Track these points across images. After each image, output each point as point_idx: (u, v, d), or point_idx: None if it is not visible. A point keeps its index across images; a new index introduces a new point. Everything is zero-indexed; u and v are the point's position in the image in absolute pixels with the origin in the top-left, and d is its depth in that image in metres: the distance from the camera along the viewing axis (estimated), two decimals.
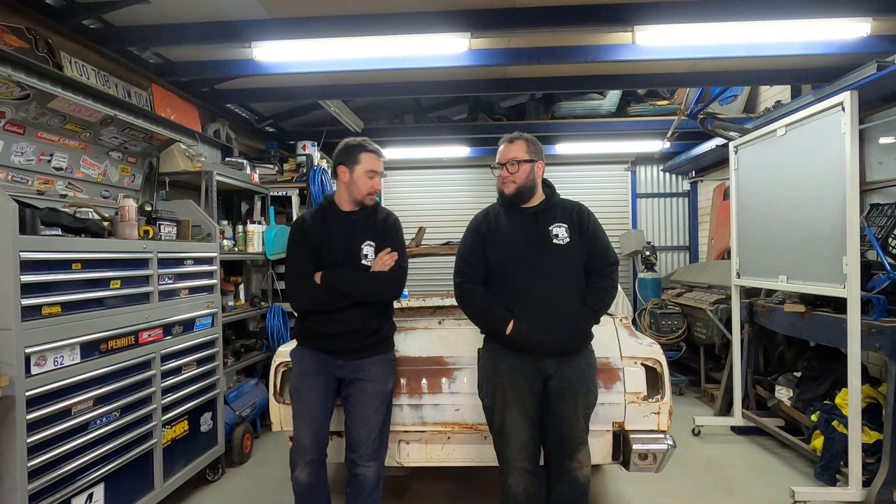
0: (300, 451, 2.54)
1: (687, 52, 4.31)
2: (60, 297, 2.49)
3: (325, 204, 2.71)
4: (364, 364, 2.58)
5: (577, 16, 3.74)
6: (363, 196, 2.62)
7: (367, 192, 2.61)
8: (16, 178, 2.99)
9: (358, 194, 2.61)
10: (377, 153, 2.64)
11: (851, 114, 3.19)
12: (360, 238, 2.62)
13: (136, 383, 2.95)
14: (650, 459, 2.69)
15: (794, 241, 3.76)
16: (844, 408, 3.49)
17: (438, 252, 4.56)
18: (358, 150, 2.60)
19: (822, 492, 3.31)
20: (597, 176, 8.28)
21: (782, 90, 5.86)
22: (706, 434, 4.58)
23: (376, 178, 2.63)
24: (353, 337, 2.57)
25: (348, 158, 2.60)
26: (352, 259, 2.59)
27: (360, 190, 2.60)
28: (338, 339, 2.57)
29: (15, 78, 2.72)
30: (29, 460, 2.29)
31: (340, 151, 2.63)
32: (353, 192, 2.61)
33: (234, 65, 4.68)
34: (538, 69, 5.11)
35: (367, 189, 2.61)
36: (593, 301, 2.46)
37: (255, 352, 4.94)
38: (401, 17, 3.81)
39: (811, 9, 3.60)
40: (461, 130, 7.32)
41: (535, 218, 2.51)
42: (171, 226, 3.41)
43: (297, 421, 2.57)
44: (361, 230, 2.63)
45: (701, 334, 5.64)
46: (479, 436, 2.83)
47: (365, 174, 2.59)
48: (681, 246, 8.26)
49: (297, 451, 2.56)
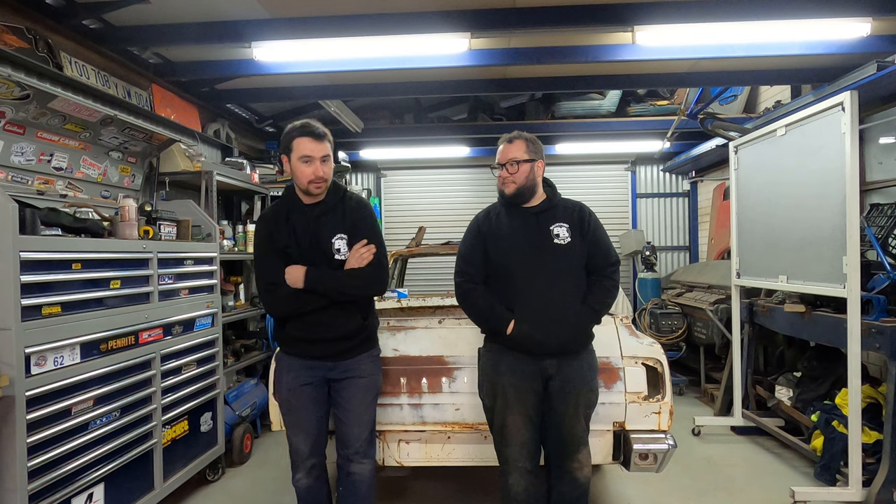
0: (300, 458, 2.50)
1: (687, 52, 4.32)
2: (60, 297, 2.48)
3: (287, 197, 2.49)
4: (353, 363, 2.51)
5: (577, 16, 3.74)
6: (305, 185, 2.39)
7: (308, 181, 2.37)
8: (16, 178, 2.99)
9: (300, 184, 2.40)
10: (313, 135, 2.36)
11: (851, 114, 3.19)
12: (328, 232, 2.43)
13: (136, 383, 2.95)
14: (651, 459, 2.68)
15: (793, 241, 3.76)
16: (844, 408, 3.48)
17: (438, 252, 4.56)
18: (290, 135, 2.38)
19: (822, 492, 3.31)
20: (597, 176, 8.28)
21: (782, 90, 5.86)
22: (706, 434, 4.58)
23: (315, 163, 2.35)
24: (340, 340, 2.45)
25: (285, 146, 2.40)
26: (325, 256, 2.42)
27: (299, 179, 2.39)
28: (323, 344, 2.45)
29: (15, 78, 2.72)
30: (29, 460, 2.29)
31: (281, 138, 2.44)
32: (298, 182, 2.40)
33: (234, 65, 4.69)
34: (538, 69, 5.11)
35: (305, 177, 2.36)
36: (594, 301, 2.46)
37: (255, 352, 4.94)
38: (401, 17, 3.81)
39: (811, 9, 3.60)
40: (461, 130, 7.32)
41: (535, 218, 2.50)
42: (171, 226, 3.40)
43: (295, 432, 2.50)
44: (329, 223, 2.44)
45: (701, 334, 5.64)
46: (480, 435, 2.83)
47: (299, 161, 2.36)
48: (681, 246, 8.26)
49: (296, 457, 2.51)
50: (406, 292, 4.26)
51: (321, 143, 2.37)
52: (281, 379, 2.55)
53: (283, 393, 2.54)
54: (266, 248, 2.45)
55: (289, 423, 2.54)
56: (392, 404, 2.82)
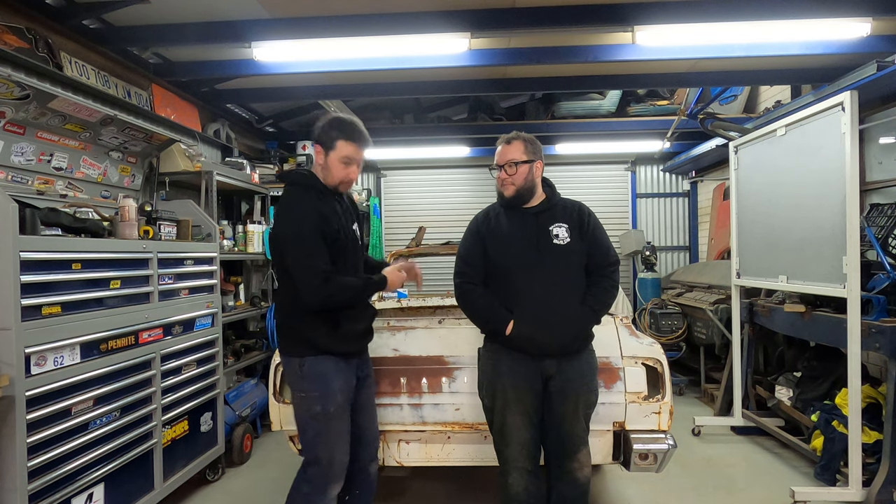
0: (340, 470, 2.38)
1: (687, 52, 4.32)
2: (60, 297, 2.48)
3: (311, 181, 2.42)
4: (366, 358, 2.60)
5: (577, 16, 3.74)
6: (336, 183, 2.40)
7: (341, 181, 2.40)
8: (16, 178, 2.99)
9: (331, 180, 2.40)
10: (363, 141, 2.39)
11: (851, 114, 3.19)
12: (352, 219, 2.52)
13: (136, 383, 2.95)
14: (651, 459, 2.68)
15: (793, 241, 3.76)
16: (844, 408, 3.48)
17: (438, 252, 4.56)
18: (335, 134, 2.35)
19: (822, 492, 3.31)
20: (597, 176, 8.28)
21: (782, 90, 5.86)
22: (706, 434, 4.58)
23: (353, 166, 2.39)
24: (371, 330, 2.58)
25: (326, 140, 2.36)
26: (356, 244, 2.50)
27: (333, 176, 2.39)
28: (369, 335, 2.56)
29: (15, 78, 2.72)
30: (29, 460, 2.29)
31: (317, 129, 2.40)
32: (328, 177, 2.40)
33: (234, 65, 4.69)
34: (538, 69, 5.11)
35: (340, 177, 2.39)
36: (594, 301, 2.46)
37: (255, 352, 4.94)
38: (401, 17, 3.81)
39: (811, 9, 3.60)
40: (461, 130, 7.32)
41: (535, 218, 2.50)
42: (171, 226, 3.41)
43: (339, 441, 2.38)
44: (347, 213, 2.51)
45: (701, 334, 5.64)
46: (479, 435, 2.83)
47: (340, 160, 2.36)
48: (681, 246, 8.26)
49: (337, 470, 2.37)
50: (406, 292, 4.26)
51: (365, 149, 2.42)
52: (329, 386, 2.35)
53: (338, 397, 2.36)
54: (315, 230, 2.28)
55: (336, 431, 2.37)
56: (392, 404, 2.82)
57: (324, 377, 2.34)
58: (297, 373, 2.36)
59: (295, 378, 2.39)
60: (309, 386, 2.34)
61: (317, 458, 2.35)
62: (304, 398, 2.36)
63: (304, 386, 2.35)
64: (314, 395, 2.34)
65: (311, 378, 2.34)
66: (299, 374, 2.35)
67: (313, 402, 2.33)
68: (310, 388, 2.34)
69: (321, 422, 2.34)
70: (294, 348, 2.39)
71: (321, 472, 2.34)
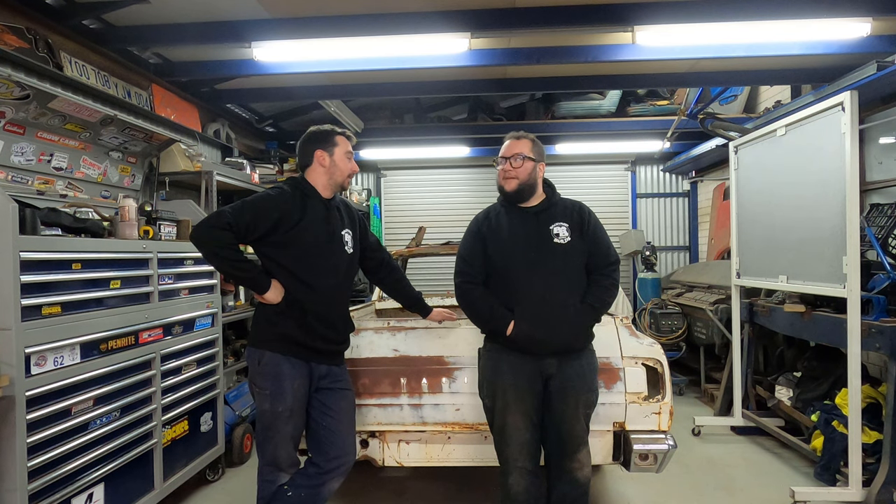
0: (286, 465, 2.45)
1: (687, 52, 4.32)
2: (60, 297, 2.48)
3: (308, 189, 2.52)
4: (339, 373, 2.56)
5: (576, 16, 3.74)
6: (344, 178, 2.55)
7: (349, 174, 2.56)
8: (16, 178, 2.99)
9: (340, 177, 2.53)
10: (349, 137, 2.61)
11: (851, 114, 3.19)
12: (340, 226, 2.57)
13: (136, 383, 2.94)
14: (651, 459, 2.68)
15: (793, 241, 3.76)
16: (844, 408, 3.48)
17: (438, 252, 4.56)
18: (332, 133, 2.55)
19: (822, 492, 3.31)
20: (597, 176, 8.28)
21: (782, 90, 5.86)
22: (706, 434, 4.58)
23: (352, 160, 2.60)
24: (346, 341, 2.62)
25: (325, 141, 2.52)
26: (341, 246, 2.54)
27: (341, 172, 2.53)
28: (342, 345, 2.60)
29: (15, 78, 2.72)
30: (29, 460, 2.28)
31: (313, 137, 2.54)
32: (336, 175, 2.52)
33: (234, 65, 4.69)
34: (538, 69, 5.11)
35: (348, 171, 2.55)
36: (594, 300, 2.46)
37: None
38: (401, 17, 3.81)
39: (811, 9, 3.60)
40: (461, 130, 7.32)
41: (535, 217, 2.51)
42: (171, 226, 3.40)
43: (283, 442, 2.42)
44: (338, 219, 2.58)
45: (701, 334, 5.64)
46: (480, 436, 2.83)
47: (345, 155, 2.54)
48: (681, 246, 8.27)
49: (282, 465, 2.44)
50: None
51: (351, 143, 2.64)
52: (279, 387, 2.42)
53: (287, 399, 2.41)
54: (263, 211, 2.41)
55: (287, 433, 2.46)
56: (392, 404, 2.82)
57: (278, 376, 2.39)
58: (256, 367, 2.44)
59: (253, 371, 2.46)
60: (262, 382, 2.41)
61: (262, 452, 2.47)
62: (258, 392, 2.45)
63: (258, 381, 2.43)
64: (266, 393, 2.40)
65: (265, 374, 2.41)
66: (257, 368, 2.43)
67: (264, 399, 2.41)
68: (262, 383, 2.41)
69: (268, 419, 2.41)
70: (258, 341, 2.46)
71: (266, 465, 2.46)
